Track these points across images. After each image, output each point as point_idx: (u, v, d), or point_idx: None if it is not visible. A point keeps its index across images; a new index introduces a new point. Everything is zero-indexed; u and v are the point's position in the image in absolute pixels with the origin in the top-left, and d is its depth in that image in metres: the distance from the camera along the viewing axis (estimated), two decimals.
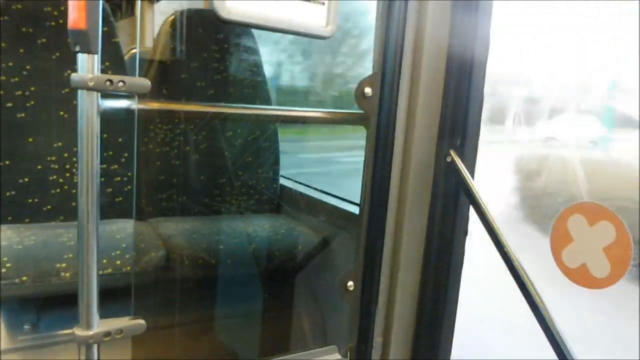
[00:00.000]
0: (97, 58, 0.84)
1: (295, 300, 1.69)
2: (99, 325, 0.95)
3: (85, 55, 0.83)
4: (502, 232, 1.12)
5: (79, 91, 0.84)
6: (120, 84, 0.84)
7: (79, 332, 0.93)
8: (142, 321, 0.98)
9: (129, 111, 0.92)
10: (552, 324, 1.03)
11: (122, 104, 0.92)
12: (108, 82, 0.83)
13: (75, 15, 0.81)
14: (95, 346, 0.95)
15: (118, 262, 1.39)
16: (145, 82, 0.88)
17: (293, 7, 1.00)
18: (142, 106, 0.93)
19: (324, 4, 1.02)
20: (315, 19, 1.02)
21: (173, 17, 1.84)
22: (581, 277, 1.04)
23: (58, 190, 1.68)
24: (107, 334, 0.94)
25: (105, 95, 0.88)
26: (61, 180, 1.69)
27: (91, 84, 0.83)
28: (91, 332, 0.93)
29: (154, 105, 0.96)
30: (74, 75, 0.83)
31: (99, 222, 0.90)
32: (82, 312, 0.93)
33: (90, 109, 0.85)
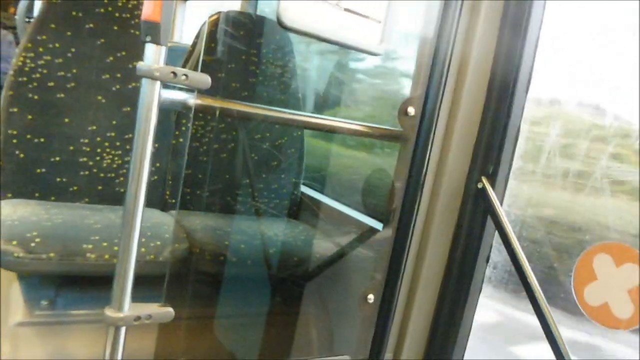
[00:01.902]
0: (164, 50, 0.87)
1: (310, 308, 1.70)
2: (130, 309, 0.96)
3: (154, 46, 0.86)
4: (527, 262, 1.14)
5: (143, 80, 0.87)
6: (183, 77, 0.87)
7: (110, 312, 0.95)
8: (170, 309, 1.00)
9: (185, 105, 0.95)
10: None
11: (182, 96, 0.95)
12: (172, 74, 0.86)
13: (150, 7, 0.84)
14: (124, 329, 0.97)
15: (143, 250, 1.41)
16: (206, 78, 0.91)
17: (351, 22, 1.03)
18: (199, 101, 0.96)
19: (380, 22, 1.05)
20: (370, 35, 1.05)
21: (216, 17, 1.88)
22: (602, 316, 1.05)
23: (87, 172, 1.72)
24: (137, 318, 0.96)
25: (165, 86, 0.91)
26: (91, 163, 1.72)
27: (157, 74, 0.86)
28: (122, 315, 0.95)
29: (211, 101, 0.99)
30: (140, 64, 0.86)
31: (144, 210, 0.93)
32: (116, 293, 0.95)
33: (151, 98, 0.88)
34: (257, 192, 1.92)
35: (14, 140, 1.61)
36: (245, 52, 1.92)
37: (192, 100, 0.95)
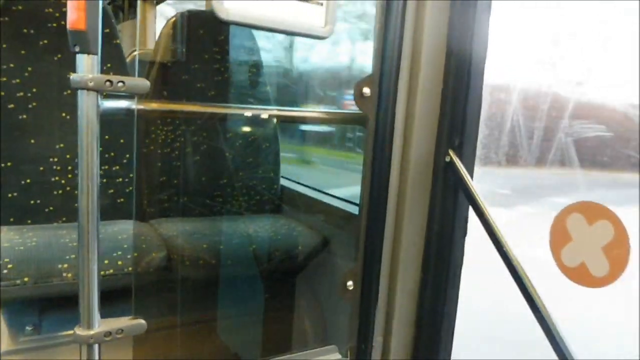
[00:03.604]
0: (96, 59, 0.84)
1: (296, 301, 1.69)
2: (100, 325, 0.95)
3: (85, 55, 0.84)
4: (501, 231, 1.12)
5: (79, 91, 0.85)
6: (120, 84, 0.85)
7: (80, 331, 0.94)
8: (142, 321, 0.98)
9: (128, 112, 0.93)
10: (552, 324, 1.03)
11: (122, 104, 0.92)
12: (108, 83, 0.84)
13: (75, 16, 0.81)
14: (97, 346, 0.95)
15: (120, 263, 1.39)
16: (145, 83, 0.88)
17: (291, 8, 1.00)
18: (141, 106, 0.93)
19: (322, 4, 1.03)
20: (313, 19, 1.03)
21: (174, 19, 1.85)
22: (580, 276, 1.04)
23: (60, 191, 1.69)
24: (108, 333, 0.94)
25: (106, 96, 0.88)
26: (63, 181, 1.70)
27: (91, 84, 0.83)
28: (92, 332, 0.94)
29: (153, 105, 0.97)
30: (73, 76, 0.84)
31: (99, 223, 0.91)
32: (83, 312, 0.94)
33: (90, 109, 0.85)
34: (236, 191, 1.90)
35: None
36: (208, 50, 1.89)
37: (133, 106, 0.92)
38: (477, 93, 1.23)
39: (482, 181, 1.21)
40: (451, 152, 1.23)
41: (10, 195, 1.63)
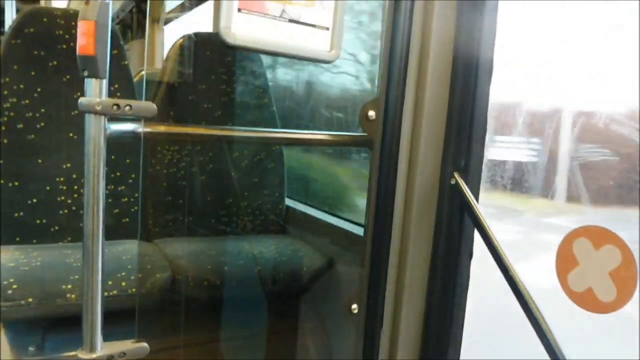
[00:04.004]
0: (104, 83, 0.85)
1: (301, 322, 1.68)
2: (103, 348, 0.94)
3: (93, 79, 0.85)
4: (506, 254, 1.12)
5: (86, 115, 0.86)
6: (127, 108, 0.86)
7: (82, 355, 0.93)
8: (145, 344, 0.98)
9: (135, 134, 0.94)
10: (557, 349, 1.02)
11: (129, 127, 0.93)
12: (115, 106, 0.85)
13: (84, 42, 0.83)
14: None
15: (124, 284, 1.39)
16: (151, 106, 0.89)
17: (297, 32, 1.01)
18: (147, 129, 0.94)
19: (328, 29, 1.04)
20: (319, 43, 1.04)
21: (182, 40, 1.87)
22: (587, 301, 1.03)
23: (66, 211, 1.70)
24: (111, 357, 0.94)
25: (112, 118, 0.89)
26: (69, 201, 1.70)
27: (98, 108, 0.84)
28: (94, 355, 0.93)
29: (160, 128, 0.98)
30: (82, 100, 0.85)
31: (104, 244, 0.91)
32: (86, 334, 0.93)
33: (97, 132, 0.86)
34: (241, 211, 1.90)
35: None
36: (214, 71, 1.91)
37: (140, 129, 0.93)
38: (483, 115, 1.23)
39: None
40: (456, 175, 1.23)
41: (16, 214, 1.64)
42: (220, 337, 1.59)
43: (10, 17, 3.34)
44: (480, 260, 1.24)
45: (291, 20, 1.00)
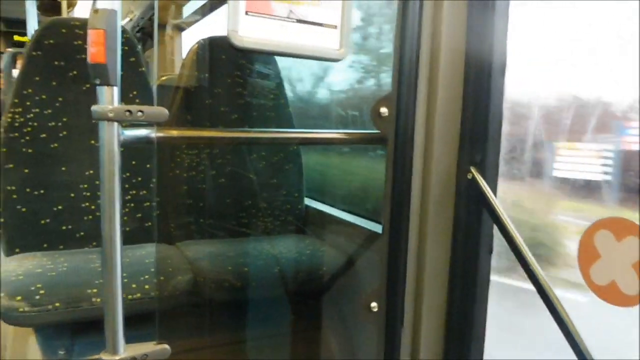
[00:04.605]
0: (116, 90, 0.87)
1: (321, 321, 1.68)
2: (125, 350, 0.96)
3: (105, 87, 0.86)
4: (526, 248, 1.10)
5: (100, 122, 0.88)
6: (139, 113, 0.87)
7: (105, 357, 0.95)
8: (166, 346, 0.99)
9: (149, 140, 0.95)
10: (580, 341, 1.00)
11: (143, 133, 0.95)
12: (127, 113, 0.86)
13: (95, 50, 0.84)
14: None
15: (146, 287, 1.41)
16: (163, 111, 0.90)
17: (306, 32, 1.01)
18: (160, 134, 0.95)
19: (336, 27, 1.03)
20: (328, 42, 1.04)
21: (197, 45, 1.89)
22: (611, 294, 1.00)
23: (90, 217, 1.74)
24: (133, 359, 0.96)
25: (128, 124, 0.91)
26: (93, 207, 1.74)
27: (111, 115, 0.86)
28: (117, 357, 0.95)
29: (172, 133, 0.99)
30: (94, 107, 0.87)
31: (122, 249, 0.93)
32: (108, 337, 0.95)
33: (110, 138, 0.88)
34: (260, 212, 1.91)
35: (14, 196, 1.64)
36: (230, 75, 1.92)
37: (153, 134, 0.95)
38: (498, 107, 1.21)
39: None
40: (473, 169, 1.22)
41: (42, 221, 1.68)
42: (241, 338, 1.60)
43: (32, 29, 3.43)
44: None
45: (299, 20, 1.00)
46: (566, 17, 1.24)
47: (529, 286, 1.10)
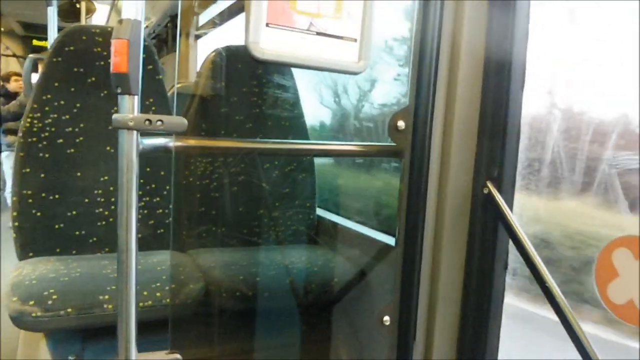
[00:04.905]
0: (137, 99, 0.88)
1: (332, 333, 1.67)
2: (137, 359, 0.96)
3: (126, 96, 0.87)
4: (542, 264, 1.09)
5: (120, 130, 0.88)
6: (159, 123, 0.88)
7: None
8: (178, 356, 0.99)
9: (167, 148, 0.96)
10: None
11: (161, 141, 0.95)
12: (147, 122, 0.87)
13: (117, 60, 0.85)
14: None
15: (158, 294, 1.41)
16: (182, 121, 0.91)
17: (325, 45, 1.02)
18: (178, 143, 0.96)
19: (356, 40, 1.04)
20: (347, 55, 1.04)
21: (214, 54, 1.91)
22: (629, 313, 0.99)
23: (104, 222, 1.75)
24: None
25: (145, 132, 0.91)
26: (107, 212, 1.75)
27: (131, 123, 0.86)
28: None
29: (190, 142, 1.00)
30: (115, 116, 0.87)
31: (137, 256, 0.93)
32: (121, 344, 0.95)
33: (130, 147, 0.88)
34: (273, 222, 1.91)
35: (30, 200, 1.65)
36: (245, 84, 1.93)
37: (171, 143, 0.95)
38: (516, 121, 1.21)
39: None
40: (489, 184, 1.21)
41: (57, 226, 1.69)
42: (252, 348, 1.60)
43: (52, 35, 3.48)
44: None
45: (319, 33, 1.00)
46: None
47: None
